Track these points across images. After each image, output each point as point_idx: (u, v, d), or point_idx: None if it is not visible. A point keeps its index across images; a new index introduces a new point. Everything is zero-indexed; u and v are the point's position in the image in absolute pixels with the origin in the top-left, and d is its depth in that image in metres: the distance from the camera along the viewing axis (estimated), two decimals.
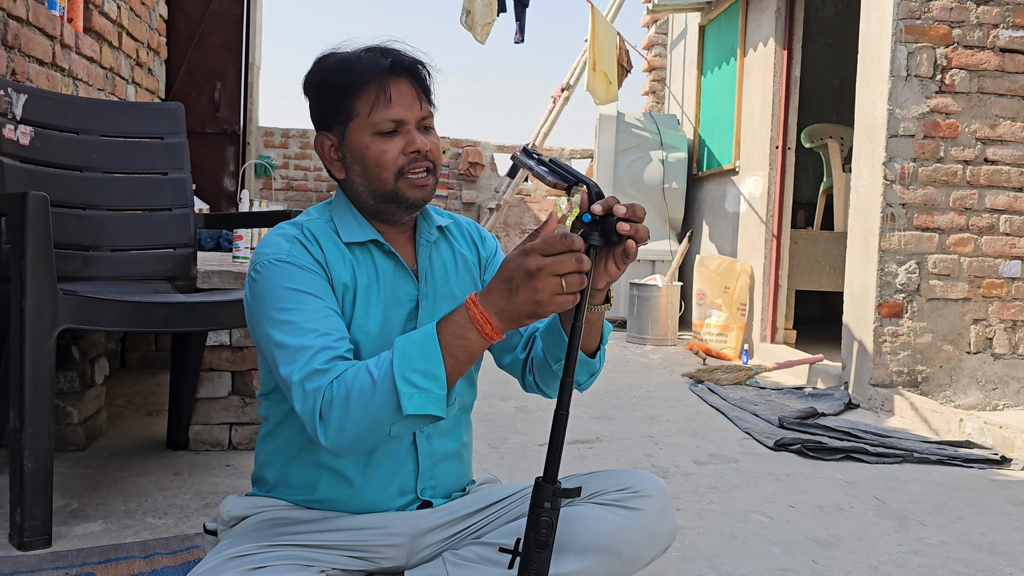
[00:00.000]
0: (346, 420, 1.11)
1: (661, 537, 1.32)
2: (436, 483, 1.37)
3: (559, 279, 1.06)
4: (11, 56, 2.85)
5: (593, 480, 1.36)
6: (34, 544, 1.84)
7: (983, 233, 3.83)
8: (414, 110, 1.28)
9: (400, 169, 1.28)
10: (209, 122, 5.88)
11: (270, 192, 7.73)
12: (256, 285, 1.24)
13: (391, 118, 1.26)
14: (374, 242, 1.33)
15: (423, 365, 1.10)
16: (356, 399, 1.11)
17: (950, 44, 3.76)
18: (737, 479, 2.62)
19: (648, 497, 1.32)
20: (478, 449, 2.81)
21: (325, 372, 1.14)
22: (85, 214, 2.47)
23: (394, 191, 1.29)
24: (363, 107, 1.27)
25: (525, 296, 1.08)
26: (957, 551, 2.09)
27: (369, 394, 1.10)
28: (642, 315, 5.74)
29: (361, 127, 1.27)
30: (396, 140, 1.28)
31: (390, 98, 1.26)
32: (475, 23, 5.44)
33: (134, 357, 3.82)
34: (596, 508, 1.30)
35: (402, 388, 1.09)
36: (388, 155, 1.27)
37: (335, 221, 1.33)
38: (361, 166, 1.29)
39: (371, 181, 1.29)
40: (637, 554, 1.30)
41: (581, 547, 1.26)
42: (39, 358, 1.85)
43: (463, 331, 1.12)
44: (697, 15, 6.50)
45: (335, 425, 1.11)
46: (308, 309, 1.20)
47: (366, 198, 1.31)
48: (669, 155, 6.38)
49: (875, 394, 3.77)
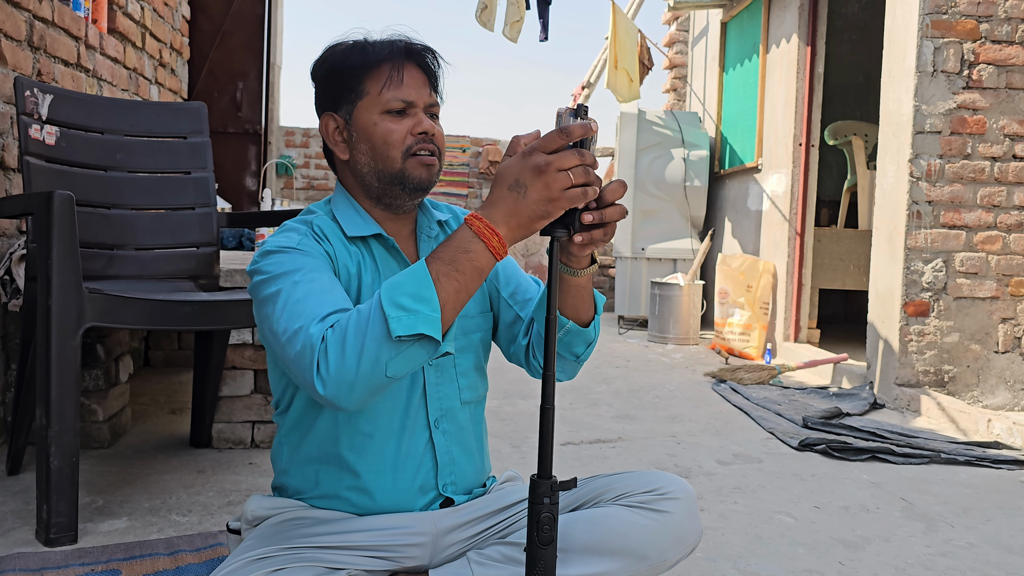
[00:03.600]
0: (342, 362, 1.06)
1: (687, 540, 1.31)
2: (456, 478, 1.36)
3: (566, 173, 1.06)
4: (37, 57, 2.87)
5: (618, 481, 1.35)
6: (60, 540, 1.85)
7: (1011, 231, 3.77)
8: (423, 95, 1.30)
9: (408, 148, 1.28)
10: (231, 122, 5.91)
11: (291, 191, 7.77)
12: (259, 268, 1.23)
13: (402, 98, 1.27)
14: (377, 237, 1.33)
15: (412, 289, 1.07)
16: (351, 337, 1.07)
17: (977, 39, 3.70)
18: (761, 479, 2.60)
19: (675, 500, 1.31)
20: (500, 448, 2.80)
21: (323, 321, 1.11)
22: (110, 213, 2.48)
23: (401, 171, 1.29)
24: (373, 86, 1.28)
25: (536, 195, 1.07)
26: (986, 553, 2.06)
27: (362, 328, 1.07)
28: (663, 314, 5.71)
29: (370, 105, 1.28)
30: (405, 120, 1.28)
31: (402, 79, 1.28)
32: (493, 19, 5.42)
33: (158, 355, 3.85)
34: (622, 510, 1.29)
35: (390, 312, 1.06)
36: (396, 134, 1.27)
37: (337, 216, 1.33)
38: (368, 144, 1.29)
39: (377, 160, 1.29)
40: (663, 557, 1.29)
41: (607, 549, 1.25)
42: (65, 356, 1.86)
43: (468, 245, 1.09)
44: (719, 12, 6.45)
45: (333, 368, 1.06)
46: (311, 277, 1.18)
47: (370, 179, 1.31)
48: (691, 153, 6.34)
49: (901, 394, 3.72)
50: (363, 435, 1.30)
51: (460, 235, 1.10)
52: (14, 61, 2.70)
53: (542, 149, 1.07)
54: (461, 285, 1.09)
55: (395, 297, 1.07)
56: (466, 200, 7.90)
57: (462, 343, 1.37)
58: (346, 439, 1.30)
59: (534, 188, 1.06)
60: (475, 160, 7.96)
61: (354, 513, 1.32)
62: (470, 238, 1.09)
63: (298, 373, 1.11)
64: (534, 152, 1.07)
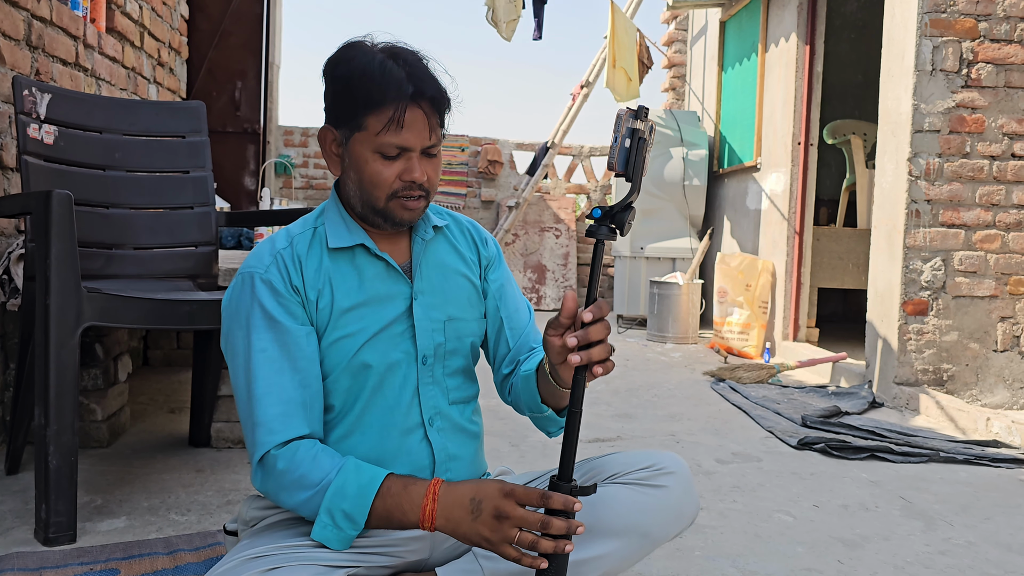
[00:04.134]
0: (274, 493, 1.23)
1: (686, 514, 1.34)
2: (452, 476, 1.37)
3: (517, 531, 1.14)
4: (35, 56, 2.87)
5: (611, 461, 1.36)
6: (59, 540, 1.85)
7: (1010, 229, 3.77)
8: (422, 138, 1.27)
9: (394, 192, 1.28)
10: (230, 121, 5.91)
11: (290, 191, 7.76)
12: (232, 291, 1.30)
13: (398, 144, 1.25)
14: (360, 246, 1.33)
15: (350, 508, 1.18)
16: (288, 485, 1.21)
17: (976, 38, 3.70)
18: (760, 478, 2.60)
19: (671, 474, 1.33)
20: (498, 447, 2.80)
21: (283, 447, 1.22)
22: (108, 212, 2.48)
23: (384, 209, 1.29)
24: (373, 124, 1.25)
25: (481, 529, 1.16)
26: (986, 552, 2.06)
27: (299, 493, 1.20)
28: (662, 313, 5.71)
29: (366, 140, 1.26)
30: (396, 164, 1.27)
31: (402, 125, 1.24)
32: (499, 20, 5.43)
33: (156, 355, 3.85)
34: (621, 488, 1.31)
35: (321, 517, 1.19)
36: (384, 177, 1.27)
37: (326, 227, 1.34)
38: (357, 175, 1.29)
39: (363, 192, 1.29)
40: (665, 532, 1.31)
41: (610, 530, 1.27)
42: (63, 355, 1.86)
43: (408, 507, 1.19)
44: (718, 11, 6.45)
45: (268, 489, 1.24)
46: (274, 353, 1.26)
47: (355, 202, 1.32)
48: (690, 152, 6.34)
49: (900, 393, 3.72)
50: (357, 434, 1.31)
51: (414, 494, 1.19)
52: (12, 60, 2.70)
53: (517, 498, 1.14)
54: (384, 524, 1.21)
55: (332, 506, 1.18)
56: (464, 200, 7.89)
57: (454, 345, 1.38)
58: (339, 438, 1.31)
59: (482, 525, 1.15)
60: (474, 159, 7.95)
61: None
62: (415, 508, 1.18)
63: (246, 445, 1.28)
64: (509, 497, 1.15)
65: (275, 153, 7.40)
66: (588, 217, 1.20)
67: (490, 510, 1.14)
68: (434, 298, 1.36)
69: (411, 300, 1.34)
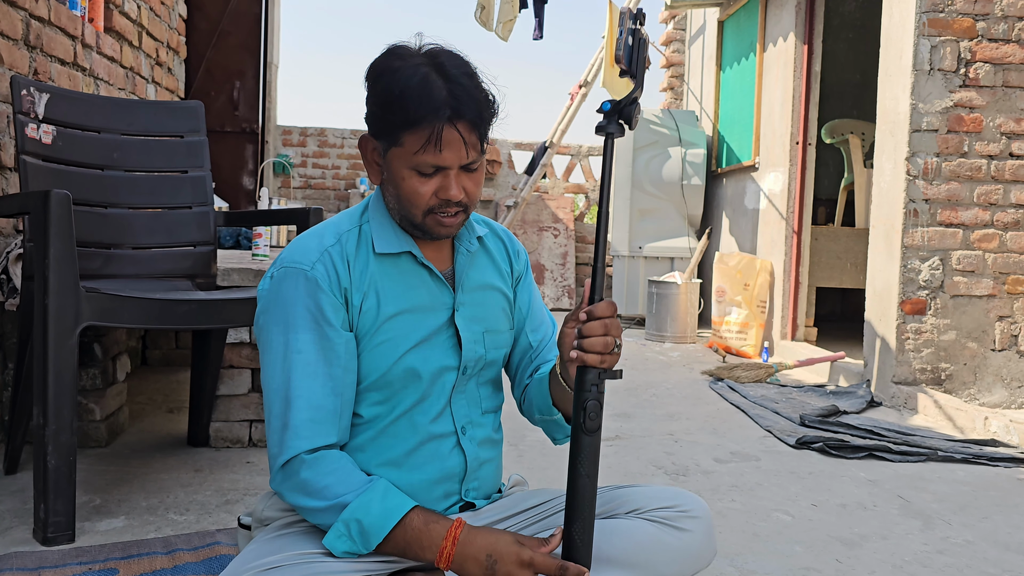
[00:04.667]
0: (298, 494, 1.22)
1: (703, 560, 1.33)
2: (480, 484, 1.38)
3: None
4: (33, 56, 2.87)
5: (635, 494, 1.35)
6: (58, 539, 1.85)
7: (1008, 229, 3.78)
8: (460, 157, 1.23)
9: (430, 208, 1.26)
10: (228, 121, 5.91)
11: (289, 190, 7.76)
12: (272, 288, 1.27)
13: (434, 163, 1.23)
14: (408, 253, 1.32)
15: (369, 526, 1.18)
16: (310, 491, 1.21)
17: (974, 37, 3.71)
18: (758, 477, 2.60)
19: (696, 518, 1.32)
20: None
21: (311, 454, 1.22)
22: (107, 212, 2.48)
23: (421, 224, 1.28)
24: (411, 142, 1.22)
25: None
26: (984, 550, 2.06)
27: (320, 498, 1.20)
28: (661, 312, 5.71)
29: (403, 157, 1.24)
30: (432, 181, 1.24)
31: (440, 146, 1.21)
32: (491, 19, 5.42)
33: (155, 355, 3.85)
34: (646, 524, 1.30)
35: (338, 526, 1.19)
36: (420, 194, 1.25)
37: (372, 228, 1.32)
38: (395, 190, 1.27)
39: (401, 206, 1.28)
40: (680, 574, 1.31)
41: (629, 562, 1.26)
42: (62, 355, 1.86)
43: (427, 544, 1.19)
44: (716, 10, 6.45)
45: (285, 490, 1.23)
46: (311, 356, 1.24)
47: (394, 213, 1.31)
48: (688, 151, 6.34)
49: (898, 392, 3.73)
50: (388, 436, 1.31)
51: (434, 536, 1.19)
52: (10, 60, 2.69)
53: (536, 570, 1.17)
54: (397, 553, 1.21)
55: (354, 517, 1.19)
56: None
57: (493, 356, 1.40)
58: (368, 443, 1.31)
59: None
60: None
61: None
62: (434, 548, 1.19)
63: (268, 446, 1.27)
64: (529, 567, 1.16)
65: (273, 153, 7.40)
66: (598, 111, 1.22)
67: (504, 574, 1.16)
68: (475, 310, 1.36)
69: (453, 311, 1.34)
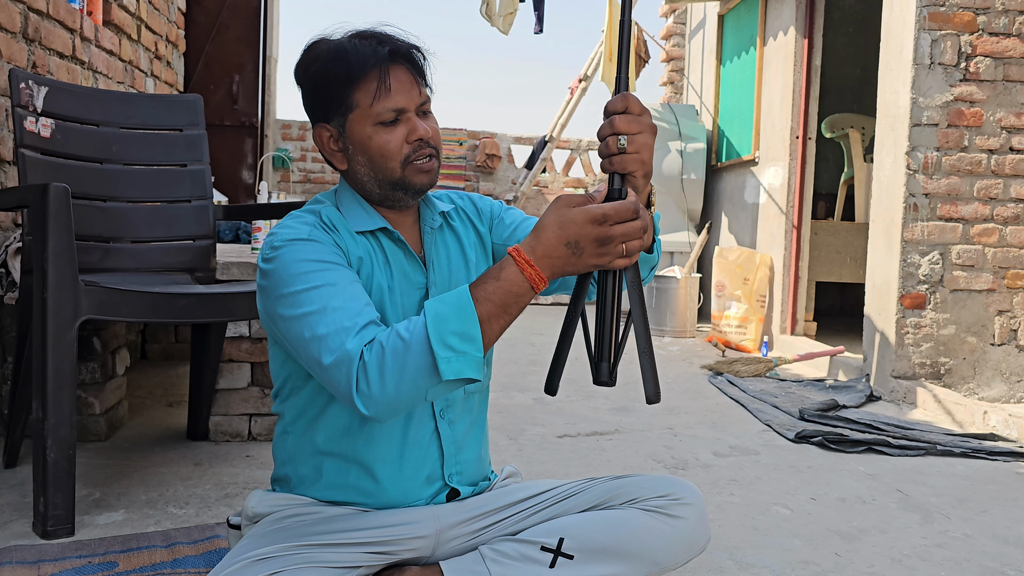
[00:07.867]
0: (382, 385, 1.09)
1: (698, 545, 1.35)
2: (462, 468, 1.37)
3: (623, 245, 1.11)
4: (32, 49, 2.86)
5: (631, 484, 1.36)
6: (57, 533, 1.85)
7: (1008, 223, 3.78)
8: (413, 97, 1.27)
9: (406, 157, 1.27)
10: (227, 115, 5.89)
11: (288, 184, 7.75)
12: (275, 263, 1.21)
13: (392, 107, 1.25)
14: (383, 230, 1.32)
15: (459, 327, 1.09)
16: (390, 362, 1.09)
17: (975, 31, 3.70)
18: (758, 471, 2.61)
19: (688, 505, 1.34)
20: (497, 440, 2.80)
21: (358, 336, 1.12)
22: (106, 206, 2.48)
23: (401, 179, 1.28)
24: (363, 98, 1.25)
25: (590, 260, 1.11)
26: (982, 544, 2.07)
27: (404, 358, 1.09)
28: (660, 307, 5.71)
29: (362, 118, 1.26)
30: (398, 129, 1.26)
31: (389, 87, 1.24)
32: (495, 13, 5.41)
33: (154, 349, 3.84)
34: (640, 513, 1.31)
35: (439, 352, 1.08)
36: (392, 144, 1.26)
37: (342, 210, 1.32)
38: (366, 156, 1.28)
39: (376, 171, 1.28)
40: (674, 561, 1.32)
41: (624, 552, 1.27)
42: (61, 349, 1.86)
43: (519, 289, 1.12)
44: (716, 4, 6.44)
45: (375, 390, 1.09)
46: (334, 279, 1.19)
47: (371, 187, 1.31)
48: (688, 146, 6.34)
49: (897, 386, 3.73)
50: (371, 424, 1.29)
51: (512, 278, 1.12)
52: (9, 53, 2.69)
53: (613, 220, 1.10)
54: (506, 323, 1.13)
55: (443, 335, 1.09)
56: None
57: None
58: (355, 427, 1.30)
59: (590, 254, 1.11)
60: (472, 153, 7.95)
61: (360, 504, 1.32)
62: (521, 282, 1.12)
63: (332, 385, 1.13)
64: (604, 223, 1.09)
65: (273, 147, 7.39)
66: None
67: (591, 242, 1.10)
68: (447, 289, 1.36)
69: (426, 290, 1.34)
